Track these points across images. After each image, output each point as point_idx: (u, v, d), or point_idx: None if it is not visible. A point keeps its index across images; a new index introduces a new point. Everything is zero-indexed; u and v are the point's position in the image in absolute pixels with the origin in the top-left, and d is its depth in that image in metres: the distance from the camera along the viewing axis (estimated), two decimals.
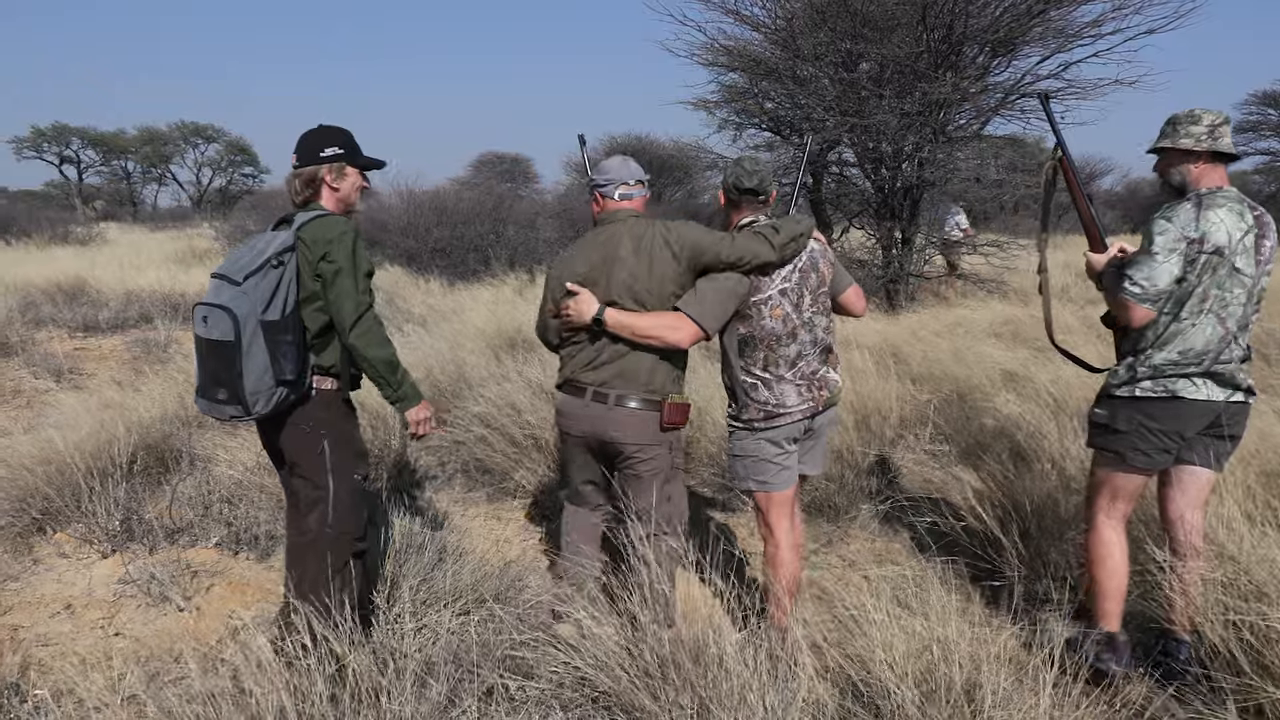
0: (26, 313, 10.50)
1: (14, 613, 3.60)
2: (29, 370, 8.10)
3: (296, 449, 2.95)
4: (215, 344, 2.73)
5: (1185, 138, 2.88)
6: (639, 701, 2.42)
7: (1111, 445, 2.97)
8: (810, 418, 3.15)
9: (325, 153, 2.94)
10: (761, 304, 3.06)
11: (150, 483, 4.80)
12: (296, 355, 2.79)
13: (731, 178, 3.18)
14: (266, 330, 2.72)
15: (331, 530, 2.93)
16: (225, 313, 2.69)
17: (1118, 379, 2.96)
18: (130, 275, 13.31)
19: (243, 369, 2.70)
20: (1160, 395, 2.87)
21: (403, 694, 2.40)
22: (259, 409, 2.76)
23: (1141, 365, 2.89)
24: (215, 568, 3.95)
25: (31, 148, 48.22)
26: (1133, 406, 2.91)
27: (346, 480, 2.96)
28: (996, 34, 10.25)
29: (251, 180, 52.05)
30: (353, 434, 3.06)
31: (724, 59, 12.12)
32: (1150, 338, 2.88)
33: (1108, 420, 2.98)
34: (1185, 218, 2.78)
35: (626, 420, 3.04)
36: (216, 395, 2.78)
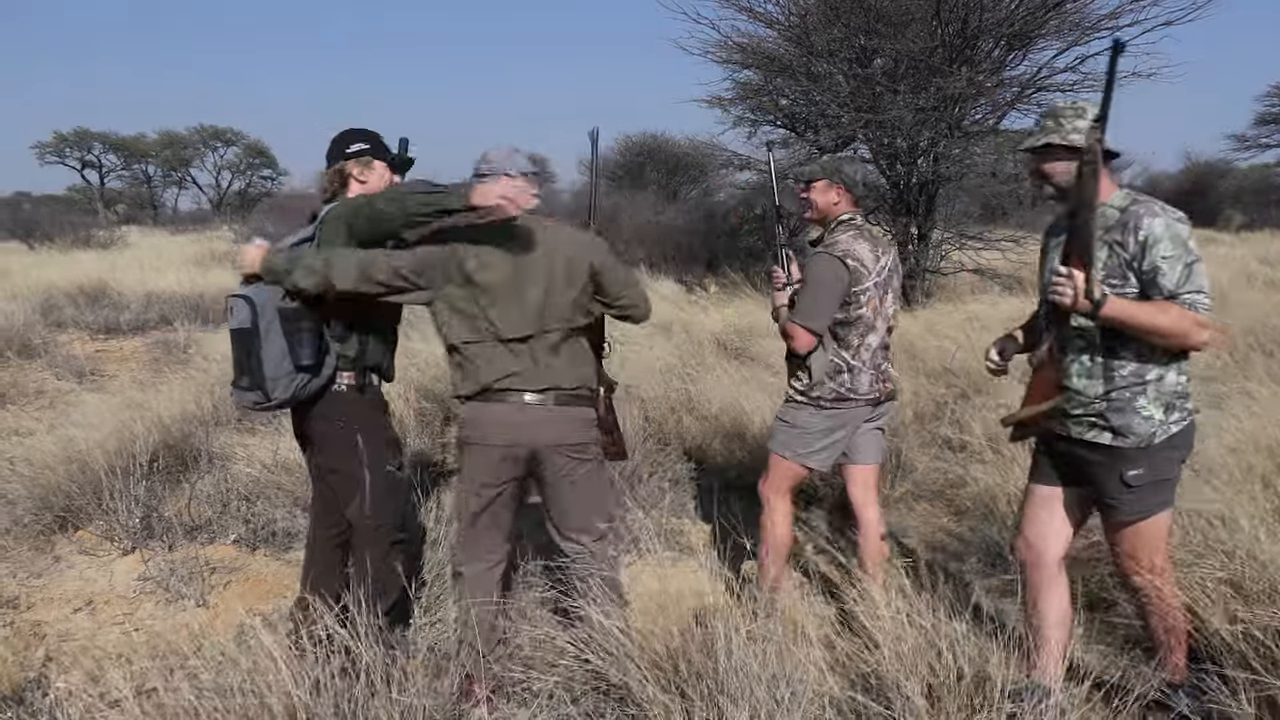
0: (49, 315, 10.65)
1: (37, 608, 3.65)
2: (52, 371, 8.21)
3: (329, 443, 2.98)
4: (236, 332, 2.82)
5: (1074, 133, 2.50)
6: (649, 694, 2.43)
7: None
8: (874, 405, 3.31)
9: (352, 148, 3.02)
10: (860, 294, 3.18)
11: (170, 481, 4.86)
12: (314, 341, 2.82)
13: (859, 173, 3.39)
14: (284, 317, 2.78)
15: (370, 521, 2.96)
16: (244, 301, 2.80)
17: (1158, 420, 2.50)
18: (151, 278, 13.44)
19: (261, 356, 2.77)
20: (1191, 417, 2.57)
21: (415, 686, 2.43)
22: (278, 395, 2.81)
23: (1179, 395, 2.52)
24: (233, 564, 3.99)
25: (54, 153, 48.76)
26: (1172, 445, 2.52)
27: (380, 471, 2.98)
28: (1012, 27, 10.19)
29: (270, 182, 52.38)
30: (384, 425, 3.08)
31: (738, 56, 12.13)
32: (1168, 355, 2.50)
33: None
34: (1180, 214, 2.46)
35: (565, 421, 2.86)
36: (241, 383, 2.86)
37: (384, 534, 2.99)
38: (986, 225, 12.70)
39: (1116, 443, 2.51)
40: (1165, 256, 2.35)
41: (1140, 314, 2.37)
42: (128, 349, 9.61)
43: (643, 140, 26.24)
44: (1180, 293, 2.35)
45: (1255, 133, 33.67)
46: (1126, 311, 2.38)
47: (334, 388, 2.94)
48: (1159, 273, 2.36)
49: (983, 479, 4.26)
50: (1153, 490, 2.52)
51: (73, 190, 50.96)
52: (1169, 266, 2.35)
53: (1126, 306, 2.38)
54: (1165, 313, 2.35)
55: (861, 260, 3.17)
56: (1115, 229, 2.44)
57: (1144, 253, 2.37)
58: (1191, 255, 2.36)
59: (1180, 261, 2.35)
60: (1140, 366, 2.47)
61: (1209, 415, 4.44)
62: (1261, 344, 6.73)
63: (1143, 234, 2.38)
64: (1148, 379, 2.47)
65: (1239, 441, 3.90)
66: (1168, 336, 2.37)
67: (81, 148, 49.46)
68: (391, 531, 3.02)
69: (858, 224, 3.27)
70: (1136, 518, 2.54)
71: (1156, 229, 2.36)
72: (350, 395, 2.96)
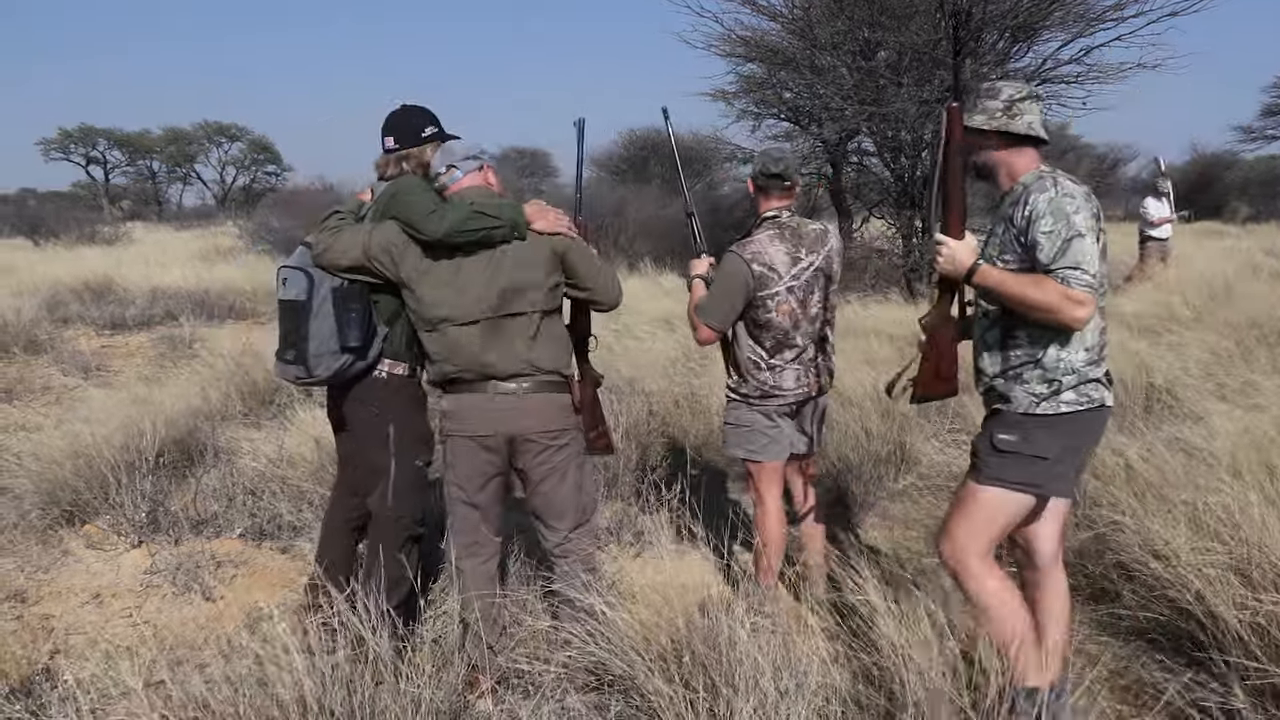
0: (55, 311, 10.68)
1: (45, 602, 3.68)
2: (58, 367, 8.24)
3: (360, 428, 2.99)
4: (289, 304, 2.81)
5: (979, 114, 2.49)
6: (653, 685, 2.45)
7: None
8: (802, 401, 3.31)
9: (426, 133, 2.99)
10: (768, 298, 3.16)
11: (176, 475, 4.88)
12: (363, 324, 2.82)
13: (759, 165, 3.28)
14: (336, 296, 2.78)
15: (390, 512, 2.96)
16: (302, 273, 2.79)
17: (1039, 394, 2.44)
18: (156, 273, 13.48)
19: (309, 331, 2.77)
20: (1089, 406, 2.46)
21: (421, 677, 2.44)
22: (319, 372, 2.81)
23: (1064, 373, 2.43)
24: (239, 558, 4.01)
25: (59, 149, 48.92)
26: (1056, 425, 2.45)
27: (407, 464, 2.97)
28: (1016, 19, 10.15)
29: (275, 178, 52.52)
30: (419, 420, 3.07)
31: (741, 49, 12.12)
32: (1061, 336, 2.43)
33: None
34: (1081, 190, 2.39)
35: (540, 408, 2.84)
36: (285, 355, 2.85)
37: (402, 527, 2.98)
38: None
39: (1001, 406, 2.51)
40: (1045, 231, 2.32)
41: (1011, 284, 2.35)
42: (133, 344, 9.64)
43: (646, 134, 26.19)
44: (1054, 267, 2.30)
45: (1262, 124, 33.61)
46: (997, 280, 2.37)
47: (375, 374, 2.93)
48: (1038, 246, 2.33)
49: None
50: (1016, 462, 2.44)
51: (78, 186, 51.13)
52: (1047, 241, 2.31)
53: (997, 275, 2.38)
54: (1037, 285, 2.31)
55: (772, 264, 3.13)
56: (1014, 204, 2.43)
57: (1029, 226, 2.35)
58: (1072, 230, 2.30)
59: (1059, 236, 2.30)
60: (1033, 343, 2.44)
61: (1214, 406, 4.45)
62: (1266, 336, 6.71)
63: (1029, 208, 2.36)
64: (1038, 356, 2.43)
65: (1245, 431, 3.89)
66: (1036, 309, 2.32)
67: (86, 144, 49.64)
68: (411, 526, 3.01)
69: (780, 221, 3.22)
70: (988, 481, 2.48)
71: (1040, 204, 2.33)
72: (390, 384, 2.95)
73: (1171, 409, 5.28)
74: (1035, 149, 2.51)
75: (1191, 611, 2.90)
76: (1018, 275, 2.36)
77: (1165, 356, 6.13)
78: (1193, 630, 2.92)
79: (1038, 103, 2.51)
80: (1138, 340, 6.61)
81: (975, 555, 2.50)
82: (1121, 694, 2.79)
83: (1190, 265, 11.09)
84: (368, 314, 2.84)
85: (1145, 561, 3.10)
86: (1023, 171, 2.48)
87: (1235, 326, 6.98)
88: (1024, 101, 2.47)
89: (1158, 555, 3.06)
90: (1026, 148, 2.49)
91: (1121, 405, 5.30)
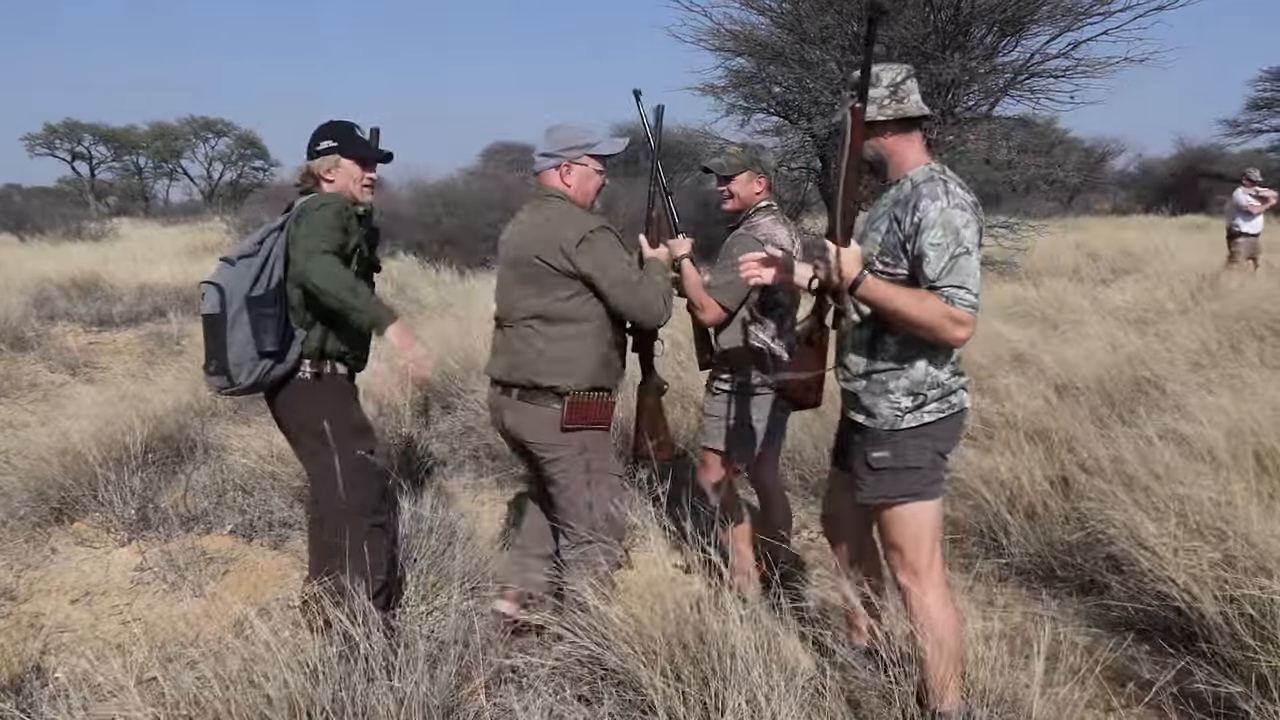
0: (41, 308, 10.61)
1: (34, 600, 3.66)
2: (45, 364, 8.18)
3: (299, 430, 3.04)
4: (206, 318, 2.92)
5: (869, 105, 2.34)
6: (645, 678, 2.45)
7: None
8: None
9: (320, 146, 3.02)
10: None
11: (165, 472, 4.86)
12: (277, 328, 2.88)
13: (768, 159, 3.46)
14: (250, 305, 2.85)
15: (343, 505, 2.97)
16: (214, 288, 2.89)
17: (904, 408, 2.42)
18: (143, 269, 13.39)
19: (227, 341, 2.86)
20: (951, 412, 2.45)
21: (414, 674, 2.44)
22: (242, 380, 2.88)
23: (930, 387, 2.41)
24: (230, 554, 4.00)
25: (44, 144, 48.55)
26: (923, 434, 2.43)
27: (350, 456, 2.97)
28: (1004, 13, 10.18)
29: (262, 173, 52.27)
30: (351, 411, 3.10)
31: (730, 43, 12.11)
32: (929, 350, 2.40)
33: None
34: (970, 201, 2.34)
35: (528, 415, 2.89)
36: (209, 367, 2.95)
37: (359, 518, 2.99)
38: None
39: (867, 423, 2.48)
40: (933, 244, 2.25)
41: (896, 299, 2.27)
42: (121, 341, 9.58)
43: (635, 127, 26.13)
44: (940, 285, 2.24)
45: (1247, 117, 33.80)
46: (883, 294, 2.28)
47: (298, 376, 2.98)
48: (924, 259, 2.26)
49: (977, 464, 4.28)
50: (893, 477, 2.43)
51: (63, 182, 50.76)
52: (935, 255, 2.24)
53: (884, 289, 2.28)
54: (922, 302, 2.24)
55: (782, 245, 3.16)
56: (902, 204, 2.36)
57: (916, 234, 2.28)
58: (960, 247, 2.24)
59: (947, 252, 2.24)
60: (902, 351, 2.39)
61: (1201, 399, 4.47)
62: (1253, 329, 6.76)
63: (918, 215, 2.28)
64: (904, 365, 2.40)
65: (1233, 424, 3.92)
66: (917, 326, 2.26)
67: (71, 139, 49.28)
68: (369, 514, 3.03)
69: (775, 209, 3.35)
70: (877, 501, 2.48)
71: (931, 213, 2.26)
72: (312, 383, 3.00)
73: (1158, 402, 5.31)
74: (921, 131, 2.46)
75: (1179, 602, 2.92)
76: (901, 290, 2.29)
77: (1154, 348, 6.16)
78: (1182, 621, 2.94)
79: (914, 80, 2.44)
80: (1127, 332, 6.64)
81: (919, 571, 2.48)
82: (1112, 685, 2.80)
83: (1177, 258, 11.15)
84: (283, 319, 2.90)
85: (1134, 553, 3.12)
86: (913, 164, 2.42)
87: (1223, 319, 7.02)
88: (906, 82, 2.41)
89: (1146, 547, 3.08)
90: (915, 132, 2.43)
91: (1111, 398, 5.33)
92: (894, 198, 2.41)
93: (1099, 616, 3.27)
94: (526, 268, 2.84)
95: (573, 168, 2.91)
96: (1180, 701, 2.65)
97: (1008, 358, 6.14)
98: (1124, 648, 2.94)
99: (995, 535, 3.79)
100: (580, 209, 2.90)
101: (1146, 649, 3.02)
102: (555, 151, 2.90)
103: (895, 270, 2.35)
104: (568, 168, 2.91)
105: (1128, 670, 2.89)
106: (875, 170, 2.47)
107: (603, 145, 2.96)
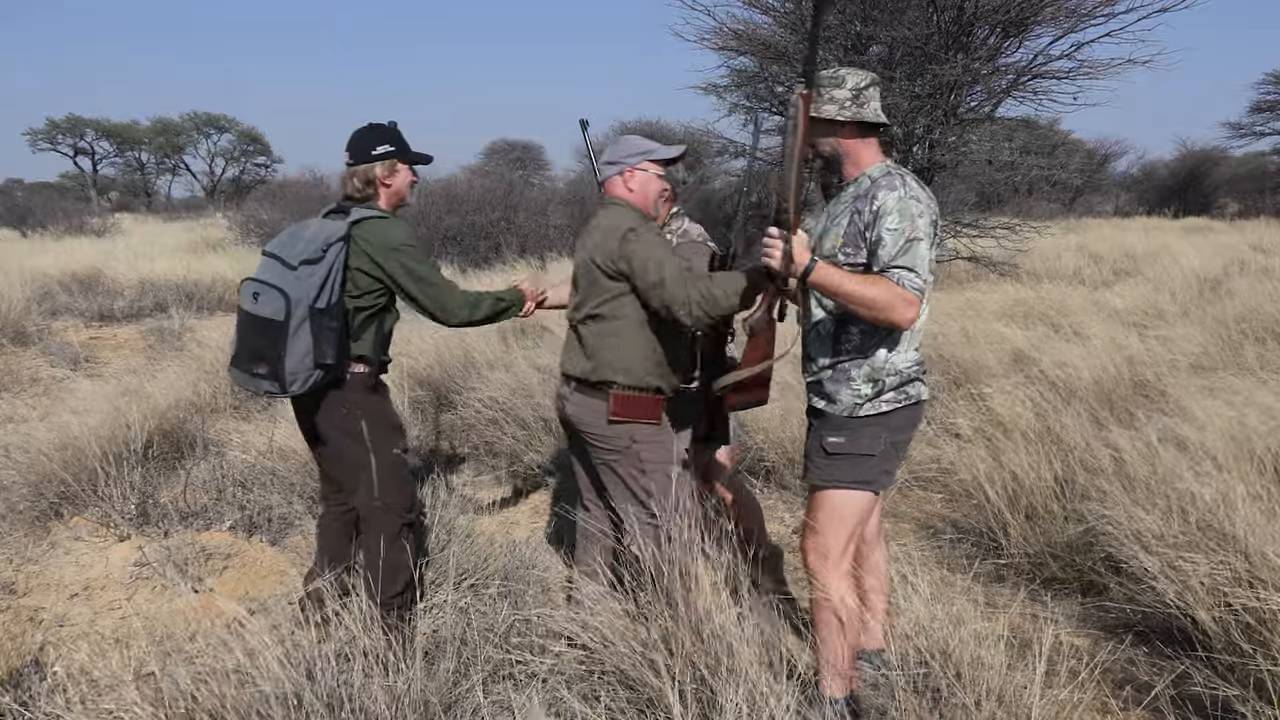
0: (43, 303, 10.60)
1: (33, 594, 3.66)
2: (46, 359, 8.20)
3: (336, 430, 3.03)
4: (264, 321, 2.80)
5: (829, 104, 2.45)
6: (642, 676, 2.45)
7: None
8: None
9: (377, 150, 3.03)
10: None
11: (165, 468, 4.86)
12: (337, 341, 2.86)
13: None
14: (314, 316, 2.80)
15: (379, 504, 3.01)
16: (279, 293, 2.78)
17: (864, 395, 2.48)
18: (145, 265, 13.40)
19: (286, 349, 2.78)
20: (908, 403, 2.51)
21: (412, 669, 2.44)
22: (294, 388, 2.83)
23: (889, 374, 2.48)
24: (229, 550, 4.00)
25: (46, 140, 48.54)
26: (879, 423, 2.49)
27: (386, 455, 3.03)
28: (1008, 14, 10.18)
29: (264, 170, 52.25)
30: (388, 411, 3.13)
31: (733, 43, 12.11)
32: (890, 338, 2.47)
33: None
34: (925, 195, 2.41)
35: (581, 406, 2.98)
36: (256, 370, 2.85)
37: (394, 516, 3.04)
38: (982, 213, 12.72)
39: (826, 408, 2.53)
40: (890, 229, 2.32)
41: (848, 283, 2.32)
42: (122, 336, 9.59)
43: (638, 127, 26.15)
44: (892, 265, 2.31)
45: (1250, 120, 33.75)
46: (834, 279, 2.33)
47: (347, 378, 2.98)
48: (881, 243, 2.33)
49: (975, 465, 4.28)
50: (847, 463, 2.49)
51: (66, 177, 50.82)
52: (890, 239, 2.32)
53: (835, 274, 2.33)
54: (874, 284, 2.30)
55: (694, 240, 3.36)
56: (862, 197, 2.42)
57: (875, 222, 2.35)
58: (916, 233, 2.32)
59: (902, 236, 2.31)
60: (864, 341, 2.46)
61: (1201, 404, 4.47)
62: (1254, 331, 6.76)
63: (876, 204, 2.36)
64: (867, 354, 2.46)
65: (1231, 427, 3.92)
66: (869, 307, 2.30)
67: (74, 135, 49.26)
68: (402, 513, 3.07)
69: (683, 212, 3.50)
70: (825, 485, 2.53)
71: (889, 201, 2.34)
72: (353, 382, 2.99)
73: (1159, 405, 5.31)
74: (878, 138, 2.52)
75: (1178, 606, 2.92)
76: (850, 275, 2.35)
77: (1154, 351, 6.16)
78: (1181, 624, 2.94)
79: (879, 88, 2.51)
80: (1128, 335, 6.64)
81: (829, 556, 2.53)
82: (1111, 687, 2.80)
83: (1179, 261, 11.15)
84: (344, 330, 2.90)
85: (1134, 555, 3.12)
86: (869, 163, 2.49)
87: (1224, 322, 7.02)
88: (869, 89, 2.46)
89: (1146, 549, 3.07)
90: (872, 137, 2.50)
91: (1110, 400, 5.33)
92: (853, 193, 2.48)
93: (1098, 618, 3.28)
94: (585, 271, 2.95)
95: (634, 173, 2.99)
96: (1178, 704, 2.65)
97: (1009, 358, 6.14)
98: (1122, 650, 2.94)
99: (995, 535, 3.79)
100: (635, 211, 2.98)
101: (1145, 651, 3.02)
102: (617, 159, 3.00)
103: (855, 260, 2.43)
104: (630, 174, 2.99)
105: (1126, 672, 2.89)
106: (830, 166, 2.55)
107: (662, 151, 3.03)
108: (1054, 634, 2.80)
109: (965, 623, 2.50)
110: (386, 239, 2.93)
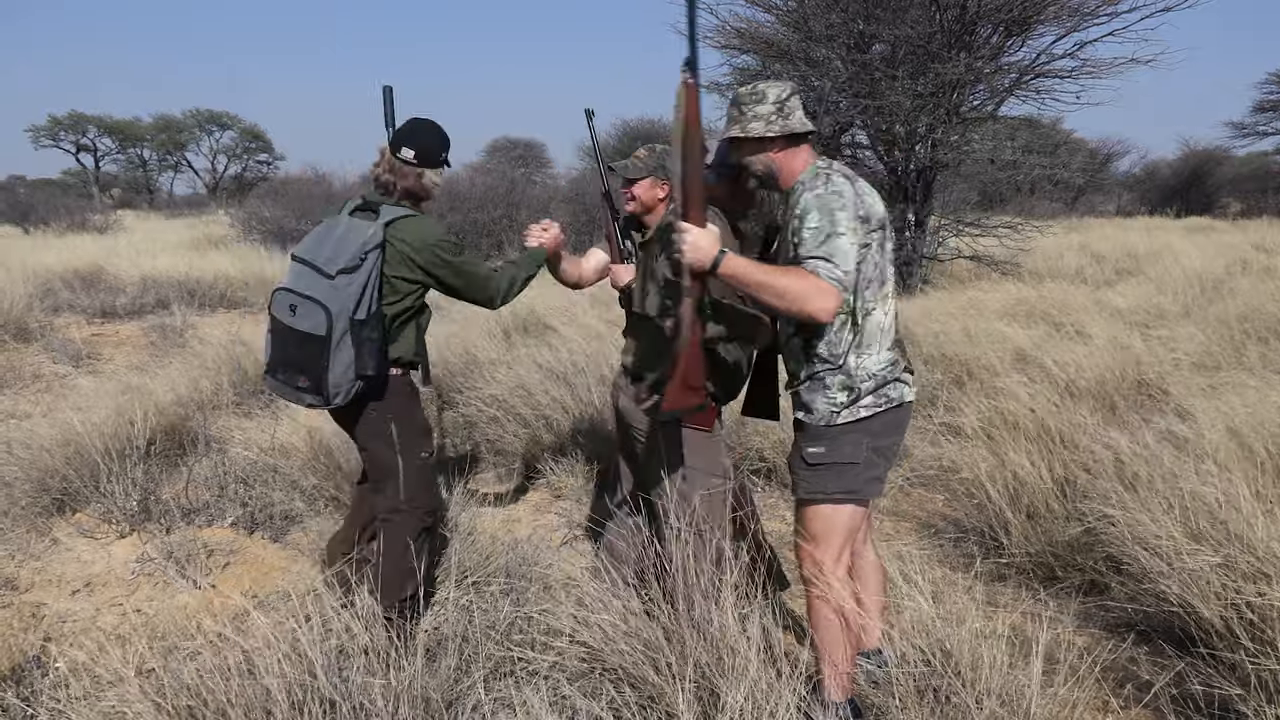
0: (45, 299, 10.61)
1: (35, 590, 3.67)
2: (48, 355, 8.21)
3: (367, 432, 3.05)
4: (303, 336, 2.78)
5: (755, 121, 2.44)
6: (644, 674, 2.46)
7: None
8: None
9: (442, 156, 3.09)
10: None
11: (167, 464, 4.87)
12: (379, 351, 2.87)
13: None
14: (354, 328, 2.80)
15: (405, 505, 3.03)
16: (319, 307, 2.76)
17: (839, 403, 2.45)
18: (147, 262, 13.39)
19: (329, 363, 2.77)
20: (889, 406, 2.47)
21: (414, 666, 2.45)
22: (338, 401, 2.83)
23: (860, 378, 2.44)
24: (231, 547, 4.01)
25: (49, 136, 48.55)
26: (859, 429, 2.46)
27: (414, 457, 3.05)
28: (1010, 13, 10.17)
29: (266, 167, 52.24)
30: (417, 414, 3.14)
31: (736, 41, 12.10)
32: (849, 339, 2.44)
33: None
34: (852, 189, 2.38)
35: (631, 400, 3.09)
36: (297, 383, 2.85)
37: (417, 519, 3.05)
38: (984, 212, 12.72)
39: (805, 419, 2.51)
40: (810, 227, 2.31)
41: (758, 273, 2.29)
42: (124, 333, 9.59)
43: (640, 125, 26.20)
44: (808, 256, 2.28)
45: (1253, 120, 33.71)
46: (745, 270, 2.30)
47: (389, 383, 3.01)
48: (802, 242, 2.32)
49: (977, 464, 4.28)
50: (830, 473, 2.46)
51: (68, 174, 50.83)
52: (810, 236, 2.30)
53: (744, 264, 2.30)
54: (786, 274, 2.28)
55: None
56: (794, 204, 2.42)
57: (799, 224, 2.35)
58: (836, 228, 2.29)
59: (822, 232, 2.29)
60: (832, 350, 2.43)
61: (1203, 404, 4.47)
62: (1256, 331, 6.75)
63: (799, 208, 2.36)
64: (839, 363, 2.43)
65: (1236, 426, 3.91)
66: (784, 298, 2.25)
67: (76, 131, 49.26)
68: (425, 516, 3.08)
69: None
70: (812, 497, 2.51)
71: (809, 200, 2.34)
72: (389, 387, 3.01)
73: (1161, 404, 5.31)
74: (809, 144, 2.50)
75: (1180, 604, 2.92)
76: (762, 265, 2.34)
77: (1156, 350, 6.16)
78: (1184, 623, 2.94)
79: (800, 96, 2.50)
80: (1130, 334, 6.63)
81: (824, 565, 2.51)
82: (1111, 686, 2.80)
83: (1181, 261, 11.14)
84: (383, 340, 2.90)
85: (1135, 554, 3.12)
86: (801, 169, 2.47)
87: (1226, 322, 7.01)
88: (791, 99, 2.45)
89: (1147, 548, 3.07)
90: (802, 145, 2.48)
91: (1112, 399, 5.33)
92: (790, 203, 2.46)
93: (1099, 617, 3.27)
94: None
95: None
96: (1179, 703, 2.65)
97: (1010, 358, 6.14)
98: (1123, 649, 2.94)
99: (996, 535, 3.79)
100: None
101: (1146, 650, 3.02)
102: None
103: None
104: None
105: (1127, 671, 2.89)
106: (766, 183, 2.54)
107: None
108: (1055, 633, 2.80)
109: (966, 621, 2.50)
110: (425, 237, 2.95)
